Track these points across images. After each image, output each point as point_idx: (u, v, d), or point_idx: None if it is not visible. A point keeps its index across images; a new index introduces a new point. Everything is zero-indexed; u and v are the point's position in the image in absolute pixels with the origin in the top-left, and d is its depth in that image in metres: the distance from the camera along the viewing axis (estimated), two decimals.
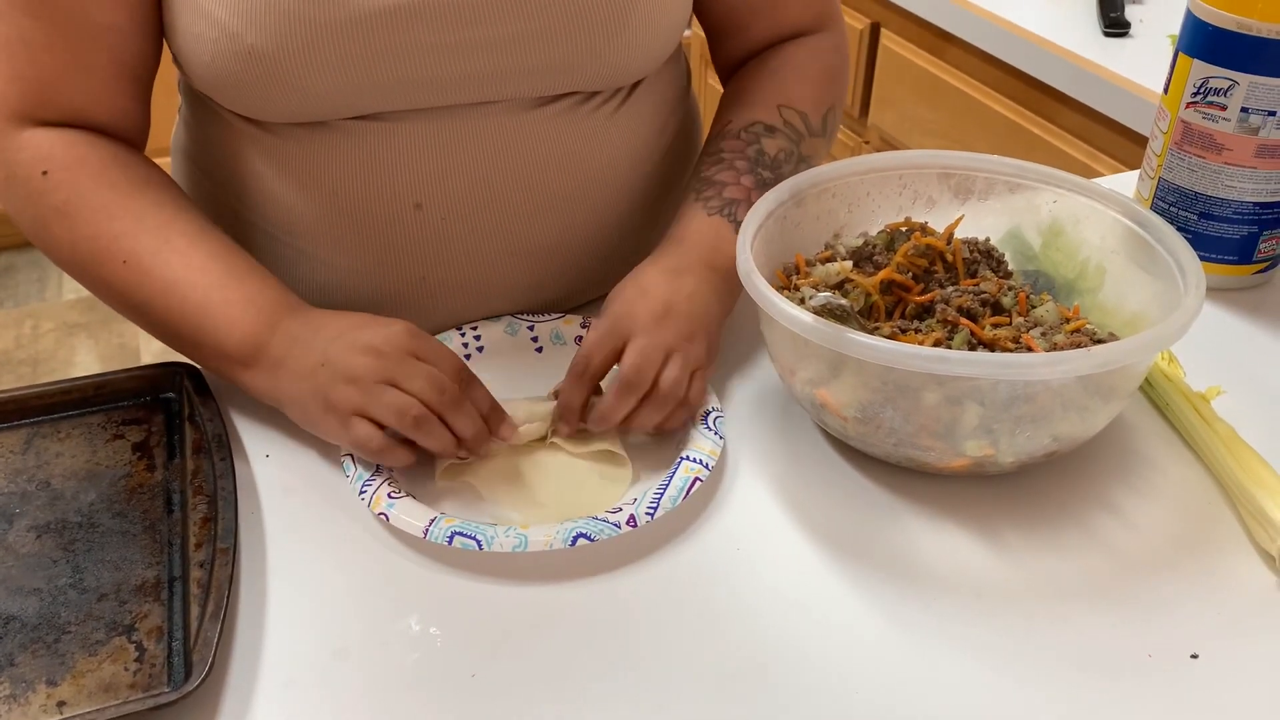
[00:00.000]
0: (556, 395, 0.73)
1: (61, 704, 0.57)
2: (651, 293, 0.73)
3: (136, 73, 0.75)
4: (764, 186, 0.79)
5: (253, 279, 0.72)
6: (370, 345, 0.67)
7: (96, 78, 0.73)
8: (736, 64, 0.91)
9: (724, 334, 0.77)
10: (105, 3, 0.71)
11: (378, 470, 0.68)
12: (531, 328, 0.82)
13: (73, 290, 2.60)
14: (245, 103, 0.74)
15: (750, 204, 0.78)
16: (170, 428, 0.75)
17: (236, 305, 0.70)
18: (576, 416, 0.72)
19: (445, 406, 0.67)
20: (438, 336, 0.80)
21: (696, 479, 0.67)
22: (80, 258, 0.72)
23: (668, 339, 0.70)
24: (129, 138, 0.76)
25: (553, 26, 0.73)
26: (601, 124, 0.80)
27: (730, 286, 0.77)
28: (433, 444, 0.67)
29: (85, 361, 2.38)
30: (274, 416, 0.74)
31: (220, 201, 0.83)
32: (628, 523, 0.64)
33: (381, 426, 0.67)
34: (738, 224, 0.78)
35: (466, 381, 0.69)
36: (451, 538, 0.63)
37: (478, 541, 0.63)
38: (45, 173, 0.72)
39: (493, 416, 0.70)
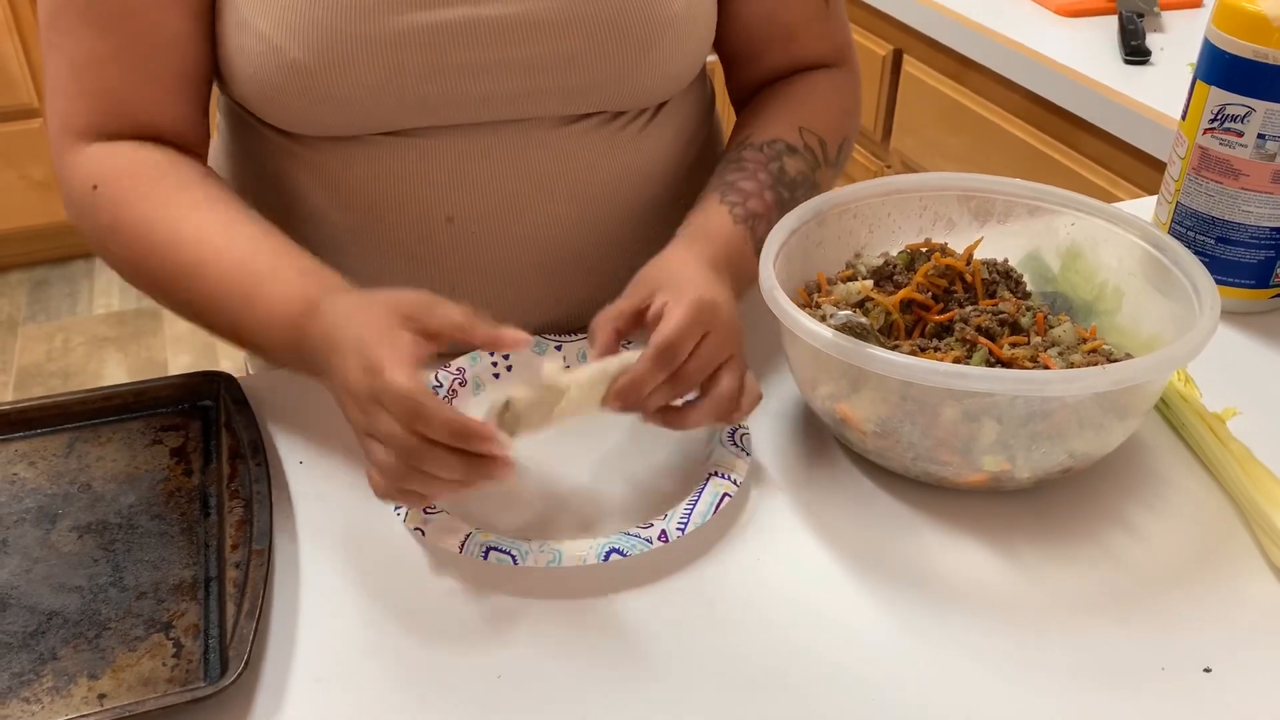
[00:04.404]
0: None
1: (102, 696, 0.58)
2: (718, 292, 0.69)
3: (199, 80, 0.77)
4: (782, 206, 0.80)
5: (275, 284, 0.69)
6: (348, 388, 0.63)
7: (162, 87, 0.75)
8: (749, 93, 0.92)
9: (745, 350, 0.77)
10: (173, 13, 0.73)
11: None
12: (559, 348, 0.83)
13: (103, 305, 2.64)
14: (285, 116, 0.76)
15: (769, 221, 0.79)
16: (207, 434, 0.77)
17: (270, 320, 0.69)
18: (642, 401, 0.66)
19: (413, 458, 0.60)
20: (468, 356, 0.80)
21: (725, 495, 0.69)
22: (137, 272, 0.74)
23: (728, 348, 0.69)
24: (191, 145, 0.78)
25: (585, 49, 0.75)
26: (628, 142, 0.82)
27: (737, 294, 0.76)
28: (431, 493, 0.62)
29: (115, 375, 2.41)
30: (307, 425, 0.77)
31: None
32: (659, 538, 0.66)
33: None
34: (756, 239, 0.79)
35: (425, 420, 0.59)
36: (487, 553, 0.65)
37: (513, 557, 0.65)
38: (95, 187, 0.73)
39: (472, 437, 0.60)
